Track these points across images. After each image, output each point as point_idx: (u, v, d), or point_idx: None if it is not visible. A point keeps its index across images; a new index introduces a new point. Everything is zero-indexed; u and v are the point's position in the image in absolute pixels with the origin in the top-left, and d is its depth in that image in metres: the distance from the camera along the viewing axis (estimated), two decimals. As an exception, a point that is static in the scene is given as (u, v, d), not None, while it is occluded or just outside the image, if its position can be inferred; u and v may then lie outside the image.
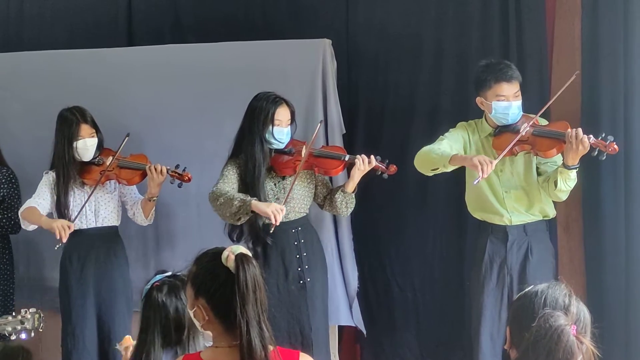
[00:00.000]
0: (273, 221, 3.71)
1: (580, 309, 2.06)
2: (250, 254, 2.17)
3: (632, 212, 4.07)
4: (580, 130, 3.51)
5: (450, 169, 3.71)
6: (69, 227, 3.95)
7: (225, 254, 2.14)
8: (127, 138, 4.13)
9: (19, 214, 4.13)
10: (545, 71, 4.33)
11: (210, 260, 2.18)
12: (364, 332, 4.58)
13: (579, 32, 4.22)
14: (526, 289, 2.14)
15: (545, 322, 1.97)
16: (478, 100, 3.80)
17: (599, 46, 4.13)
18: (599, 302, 4.05)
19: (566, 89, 4.23)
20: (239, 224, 3.85)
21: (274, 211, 3.70)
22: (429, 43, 4.59)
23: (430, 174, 3.80)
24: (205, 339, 2.66)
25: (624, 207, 4.08)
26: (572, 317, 2.02)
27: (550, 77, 4.34)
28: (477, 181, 3.56)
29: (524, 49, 4.34)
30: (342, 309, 4.46)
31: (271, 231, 3.78)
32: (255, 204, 3.75)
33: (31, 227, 4.16)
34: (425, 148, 3.78)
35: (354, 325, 4.53)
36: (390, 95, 4.68)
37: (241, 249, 2.16)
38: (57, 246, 4.01)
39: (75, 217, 4.07)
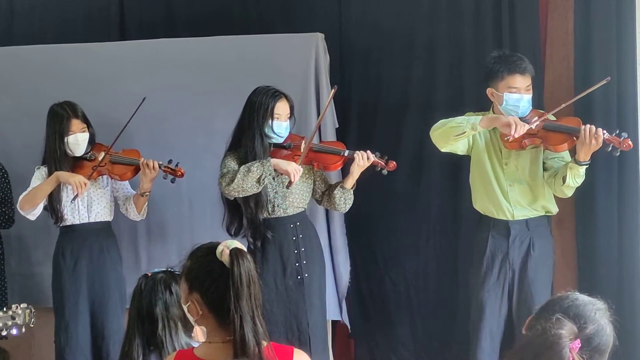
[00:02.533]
0: (292, 179, 3.78)
1: (599, 334, 2.01)
2: (244, 249, 2.16)
3: (624, 208, 4.08)
4: (594, 126, 3.49)
5: (478, 130, 3.65)
6: (85, 184, 3.99)
7: (220, 248, 2.13)
8: (143, 101, 4.08)
9: (19, 208, 4.11)
10: (539, 65, 4.32)
11: (204, 254, 2.17)
12: (349, 328, 4.59)
13: (572, 26, 4.22)
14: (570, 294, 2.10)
15: (549, 326, 1.94)
16: (489, 91, 3.76)
17: (592, 40, 4.14)
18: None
19: (559, 83, 4.24)
20: (260, 189, 3.84)
21: (294, 170, 3.78)
22: (421, 37, 4.59)
23: (449, 146, 3.73)
24: (197, 337, 2.66)
25: (617, 202, 4.10)
26: (583, 334, 1.97)
27: (543, 70, 4.34)
28: (509, 138, 3.53)
29: (517, 43, 4.34)
30: (332, 304, 4.46)
31: (287, 187, 3.87)
32: (276, 161, 3.81)
33: (35, 214, 4.12)
34: (443, 120, 3.73)
35: (341, 320, 4.54)
36: (383, 89, 4.68)
37: (236, 243, 2.15)
38: (72, 200, 4.04)
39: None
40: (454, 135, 3.66)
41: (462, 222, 4.38)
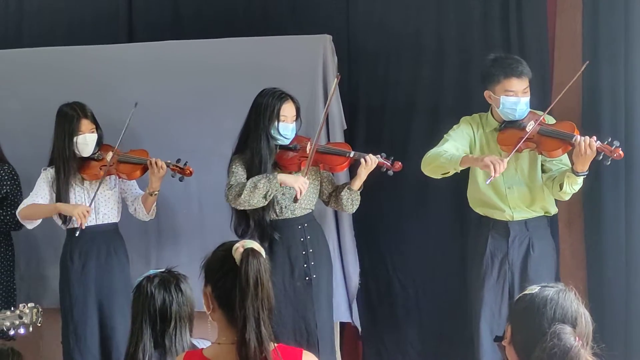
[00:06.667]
0: (299, 195, 3.82)
1: (585, 320, 2.05)
2: (262, 252, 2.16)
3: (632, 209, 4.08)
4: (587, 137, 3.50)
5: (459, 170, 3.71)
6: (88, 212, 3.99)
7: (236, 245, 2.15)
8: (134, 109, 4.08)
9: (18, 214, 4.12)
10: (547, 67, 4.33)
11: (224, 249, 2.21)
12: (359, 330, 4.58)
13: (580, 28, 4.22)
14: (534, 291, 2.11)
15: (558, 340, 1.96)
16: (486, 93, 3.78)
17: (600, 42, 4.13)
18: (600, 298, 4.06)
19: (567, 84, 4.23)
20: (267, 203, 3.87)
21: (301, 186, 3.81)
22: (429, 39, 4.59)
23: (440, 177, 3.81)
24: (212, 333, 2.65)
25: (625, 203, 4.09)
26: (580, 330, 2.01)
27: (551, 73, 4.34)
28: (489, 181, 3.59)
29: (525, 45, 4.33)
30: (342, 305, 4.46)
31: (293, 201, 3.88)
32: (282, 177, 3.82)
33: (33, 225, 4.15)
34: (432, 153, 3.76)
35: (352, 322, 4.54)
36: (391, 91, 4.68)
37: (254, 244, 2.16)
38: (77, 233, 4.02)
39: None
40: (440, 172, 3.77)
41: (470, 223, 4.36)
